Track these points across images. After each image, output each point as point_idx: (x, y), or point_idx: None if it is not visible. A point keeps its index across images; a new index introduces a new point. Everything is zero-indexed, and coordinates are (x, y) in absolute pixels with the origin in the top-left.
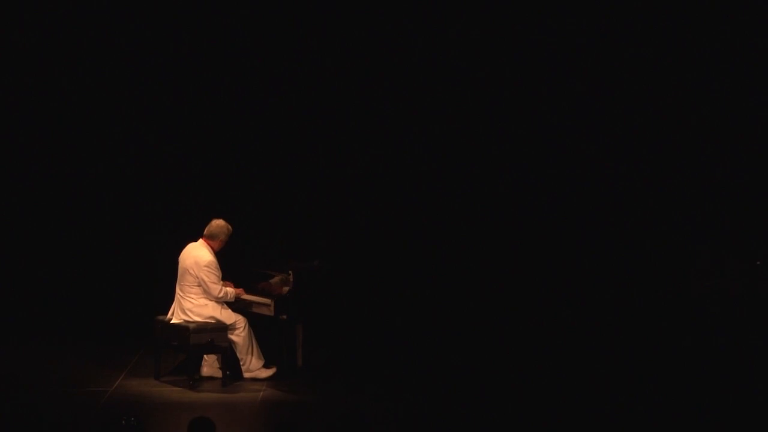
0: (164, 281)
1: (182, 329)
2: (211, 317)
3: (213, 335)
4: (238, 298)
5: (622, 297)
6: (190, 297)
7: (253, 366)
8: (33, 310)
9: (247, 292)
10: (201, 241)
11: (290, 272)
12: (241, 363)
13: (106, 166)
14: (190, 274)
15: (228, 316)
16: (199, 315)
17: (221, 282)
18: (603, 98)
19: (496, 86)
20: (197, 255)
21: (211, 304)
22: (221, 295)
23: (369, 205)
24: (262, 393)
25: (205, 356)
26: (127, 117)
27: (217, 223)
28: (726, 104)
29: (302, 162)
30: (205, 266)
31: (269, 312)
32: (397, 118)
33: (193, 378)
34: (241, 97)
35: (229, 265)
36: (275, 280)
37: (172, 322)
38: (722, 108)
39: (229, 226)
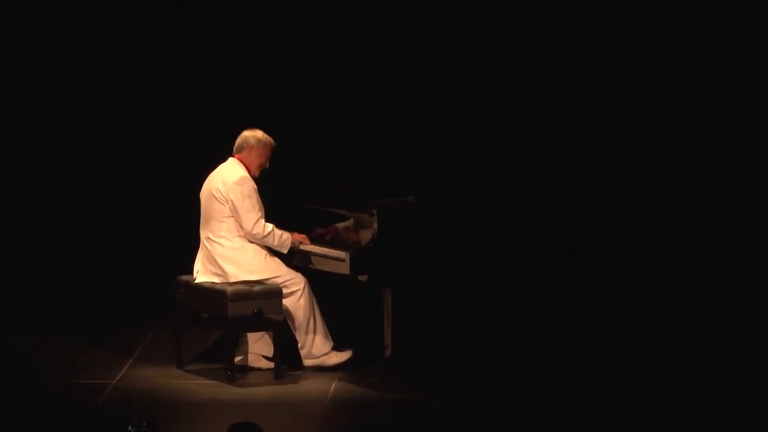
0: (187, 229)
1: (216, 294)
2: (254, 269)
3: (262, 303)
4: (295, 249)
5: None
6: (220, 237)
7: (318, 350)
8: (13, 280)
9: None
10: (232, 159)
11: (373, 212)
12: (299, 345)
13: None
14: (218, 200)
15: (277, 267)
16: (234, 263)
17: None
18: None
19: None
20: (225, 173)
21: (252, 246)
22: (258, 230)
23: (486, 119)
24: (332, 389)
25: (248, 335)
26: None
27: (245, 132)
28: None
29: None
30: (236, 183)
31: (343, 270)
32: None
33: (231, 367)
34: None
35: (273, 201)
36: (347, 224)
37: (197, 282)
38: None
39: (266, 136)
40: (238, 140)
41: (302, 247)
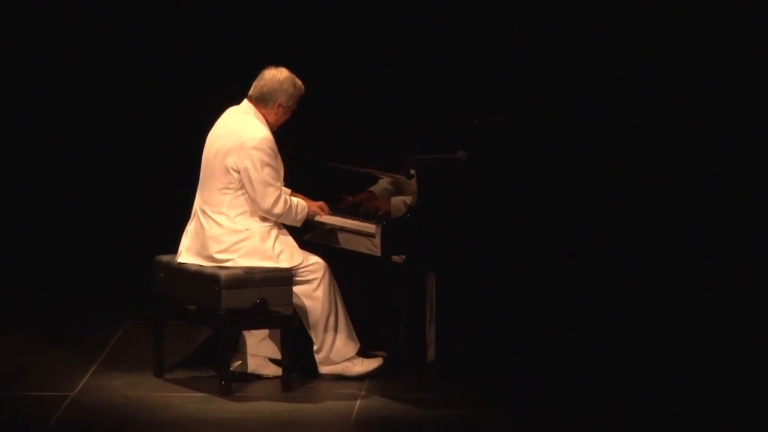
0: (170, 200)
1: (206, 280)
2: (257, 259)
3: (266, 291)
4: (311, 221)
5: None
6: (219, 213)
7: (338, 354)
8: None
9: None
10: (246, 104)
11: (411, 172)
12: (314, 348)
13: None
14: (229, 166)
15: (290, 256)
16: (231, 251)
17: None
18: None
19: None
20: (240, 128)
21: (259, 228)
22: (279, 209)
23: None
24: (357, 405)
25: (248, 333)
26: None
27: (272, 74)
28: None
29: None
30: (255, 148)
31: (372, 249)
32: None
33: (226, 374)
34: None
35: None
36: (386, 186)
37: (180, 262)
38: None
39: (299, 85)
40: (264, 88)
41: (319, 218)
